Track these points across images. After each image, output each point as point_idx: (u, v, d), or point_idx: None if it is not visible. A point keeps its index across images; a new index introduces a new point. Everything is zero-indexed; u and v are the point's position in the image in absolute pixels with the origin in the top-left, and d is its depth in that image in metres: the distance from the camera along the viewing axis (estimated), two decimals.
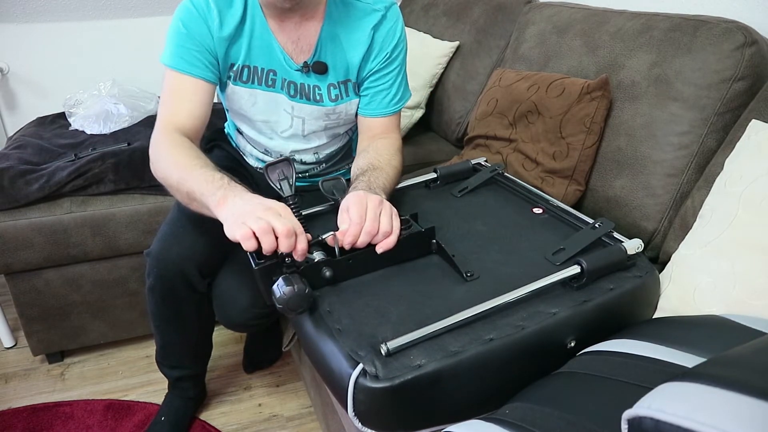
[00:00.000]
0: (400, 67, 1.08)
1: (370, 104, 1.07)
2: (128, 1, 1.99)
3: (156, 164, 0.95)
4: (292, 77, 1.04)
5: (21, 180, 1.33)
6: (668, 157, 1.00)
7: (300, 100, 1.06)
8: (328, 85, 1.05)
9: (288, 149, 1.13)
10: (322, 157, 1.17)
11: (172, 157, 0.91)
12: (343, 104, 1.08)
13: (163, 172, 0.93)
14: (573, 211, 0.92)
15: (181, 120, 0.98)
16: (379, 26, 1.03)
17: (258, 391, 1.48)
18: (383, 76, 1.06)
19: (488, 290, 0.73)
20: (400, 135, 1.11)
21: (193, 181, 0.85)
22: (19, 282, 1.40)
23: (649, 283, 0.79)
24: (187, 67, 0.98)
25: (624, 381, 0.62)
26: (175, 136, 0.95)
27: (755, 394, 0.40)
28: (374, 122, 1.08)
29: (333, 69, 1.04)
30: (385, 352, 0.64)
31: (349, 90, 1.07)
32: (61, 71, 1.99)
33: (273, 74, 1.03)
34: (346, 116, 1.10)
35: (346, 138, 1.19)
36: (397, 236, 0.78)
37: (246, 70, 1.03)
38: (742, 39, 0.93)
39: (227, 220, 0.76)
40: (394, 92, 1.07)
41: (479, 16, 1.65)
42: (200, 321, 1.18)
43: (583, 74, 1.17)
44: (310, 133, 1.11)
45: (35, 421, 1.35)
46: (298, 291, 0.69)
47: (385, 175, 0.94)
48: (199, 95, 0.99)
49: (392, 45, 1.04)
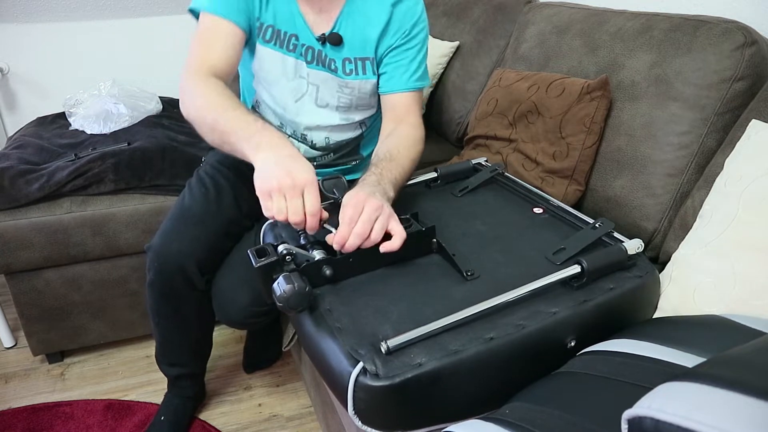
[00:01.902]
0: (420, 47, 1.09)
1: (390, 80, 1.09)
2: (128, 1, 1.99)
3: (189, 105, 0.95)
4: (311, 43, 1.05)
5: (21, 180, 1.33)
6: (668, 157, 1.00)
7: (316, 67, 1.07)
8: (344, 59, 1.07)
9: (303, 123, 1.13)
10: (332, 144, 1.17)
11: (205, 98, 0.92)
12: (357, 80, 1.08)
13: (197, 112, 0.93)
14: (573, 211, 0.92)
15: (213, 62, 0.98)
16: (399, 3, 1.05)
17: (258, 391, 1.48)
18: (402, 52, 1.07)
19: (488, 289, 0.73)
20: (421, 120, 1.11)
21: (228, 122, 0.87)
22: (19, 282, 1.40)
23: (649, 283, 0.79)
24: (224, 11, 0.98)
25: (624, 381, 0.62)
26: (207, 76, 0.95)
27: (755, 394, 0.40)
28: (395, 99, 1.09)
29: (349, 44, 1.06)
30: (386, 351, 0.64)
31: (367, 68, 1.08)
32: (61, 71, 1.99)
33: (295, 39, 1.05)
34: (360, 94, 1.11)
35: (359, 131, 1.18)
36: (402, 239, 0.78)
37: (270, 30, 1.04)
38: (742, 39, 0.93)
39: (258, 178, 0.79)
40: (414, 69, 1.08)
41: (479, 16, 1.65)
42: (199, 318, 1.18)
43: (583, 74, 1.17)
44: (325, 105, 1.11)
45: (35, 421, 1.35)
46: (299, 289, 0.69)
47: (400, 168, 0.96)
48: (231, 40, 1.00)
49: (411, 23, 1.06)
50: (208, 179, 1.16)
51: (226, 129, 0.87)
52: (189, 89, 0.95)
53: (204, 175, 1.18)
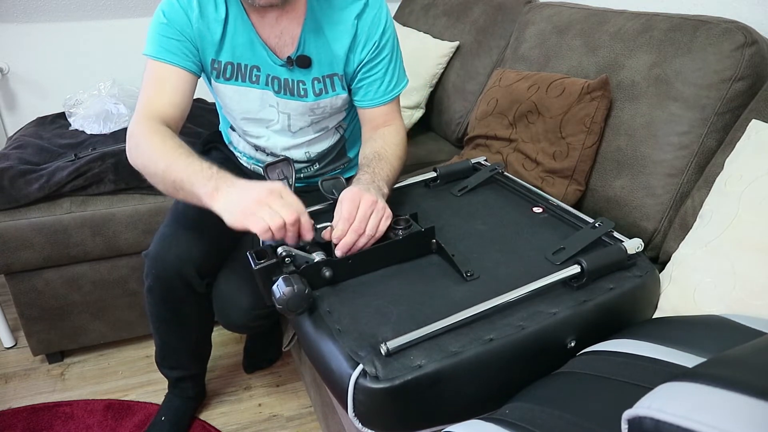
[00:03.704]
0: (391, 54, 1.05)
1: (366, 95, 1.06)
2: (128, 1, 1.99)
3: (136, 152, 0.93)
4: (277, 72, 1.03)
5: (21, 180, 1.33)
6: (668, 157, 1.00)
7: (285, 96, 1.05)
8: (313, 79, 1.04)
9: (278, 146, 1.12)
10: (314, 155, 1.17)
11: (155, 146, 0.90)
12: (327, 98, 1.07)
13: (146, 160, 0.91)
14: (573, 211, 0.92)
15: (162, 109, 0.96)
16: (362, 15, 1.01)
17: (258, 391, 1.48)
18: (375, 66, 1.04)
19: (488, 290, 0.73)
20: (402, 122, 1.11)
21: (181, 170, 0.85)
22: (19, 282, 1.40)
23: (649, 282, 0.79)
24: (168, 56, 0.97)
25: (624, 381, 0.62)
26: (156, 124, 0.93)
27: (755, 394, 0.40)
28: (374, 112, 1.08)
29: (317, 63, 1.03)
30: (385, 352, 0.64)
31: (336, 84, 1.06)
32: (61, 71, 1.99)
33: (257, 70, 1.03)
34: (332, 109, 1.10)
35: (337, 136, 1.18)
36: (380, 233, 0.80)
37: (230, 67, 1.02)
38: (742, 39, 0.93)
39: (227, 211, 0.78)
40: (388, 80, 1.06)
41: (479, 16, 1.64)
42: (199, 321, 1.17)
43: (583, 74, 1.17)
44: (297, 129, 1.10)
45: (35, 421, 1.35)
46: (298, 291, 0.69)
47: (390, 166, 0.96)
48: (180, 85, 0.98)
49: (379, 32, 1.02)
50: None
51: (180, 178, 0.85)
52: (136, 137, 0.93)
53: None
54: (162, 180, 0.89)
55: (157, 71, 0.98)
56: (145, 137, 0.92)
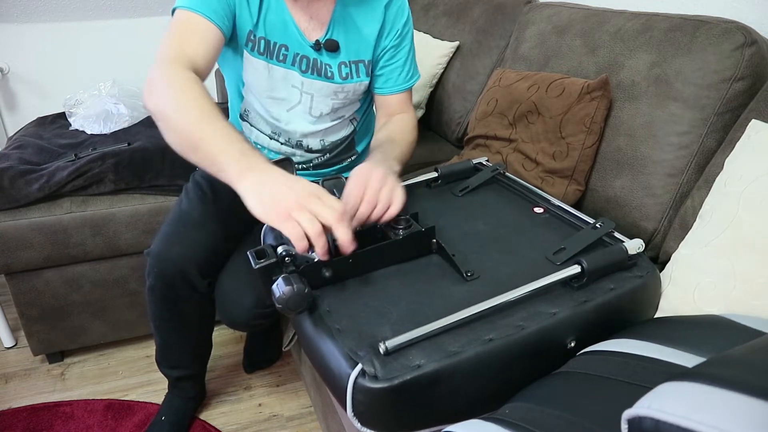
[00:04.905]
0: (410, 44, 1.13)
1: (387, 82, 1.12)
2: (128, 1, 1.99)
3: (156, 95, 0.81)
4: (306, 52, 1.05)
5: (21, 180, 1.33)
6: (668, 157, 1.00)
7: (311, 76, 1.07)
8: (339, 63, 1.07)
9: (297, 131, 1.12)
10: (328, 144, 1.17)
11: (184, 95, 0.79)
12: (351, 84, 1.10)
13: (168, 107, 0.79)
14: (574, 211, 0.92)
15: (193, 57, 0.87)
16: (390, 4, 1.08)
17: (258, 391, 1.48)
18: (397, 53, 1.11)
19: (488, 290, 0.73)
20: (414, 112, 1.18)
21: (208, 132, 0.76)
22: (19, 282, 1.40)
23: (650, 283, 0.79)
24: (205, 10, 0.90)
25: (624, 381, 0.62)
26: (187, 70, 0.83)
27: (755, 394, 0.40)
28: (391, 99, 1.14)
29: (345, 48, 1.06)
30: (384, 351, 0.63)
31: (360, 71, 1.09)
32: (61, 71, 1.99)
33: (285, 49, 1.04)
34: (353, 95, 1.12)
35: (351, 127, 1.19)
36: (398, 208, 0.80)
37: (263, 41, 1.03)
38: (742, 39, 0.93)
39: (256, 200, 0.70)
40: (407, 68, 1.13)
41: (479, 16, 1.64)
42: (200, 321, 1.18)
43: (583, 74, 1.17)
44: (318, 114, 1.11)
45: (35, 421, 1.35)
46: (298, 291, 0.69)
47: (401, 148, 1.01)
48: (210, 40, 0.91)
49: (402, 21, 1.10)
50: (204, 182, 1.15)
51: (206, 139, 0.75)
52: (161, 79, 0.82)
53: (200, 178, 1.17)
54: (178, 132, 0.79)
55: (188, 21, 0.90)
56: (171, 81, 0.81)
